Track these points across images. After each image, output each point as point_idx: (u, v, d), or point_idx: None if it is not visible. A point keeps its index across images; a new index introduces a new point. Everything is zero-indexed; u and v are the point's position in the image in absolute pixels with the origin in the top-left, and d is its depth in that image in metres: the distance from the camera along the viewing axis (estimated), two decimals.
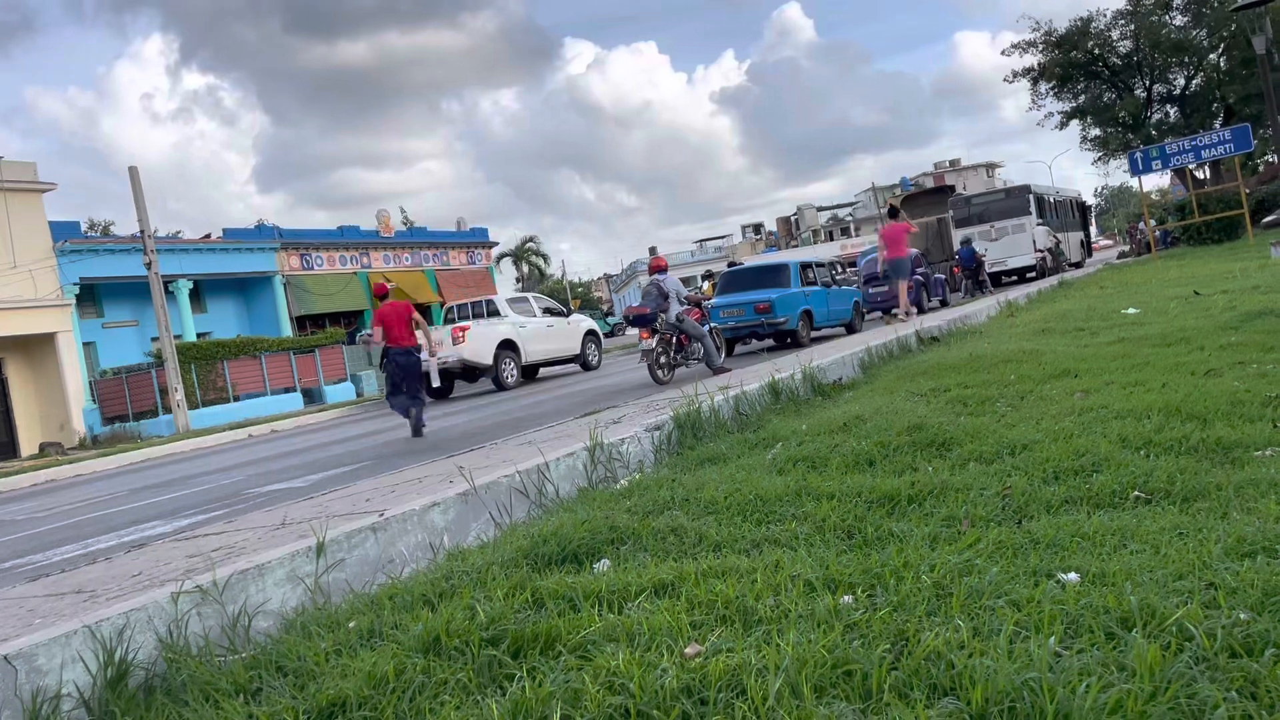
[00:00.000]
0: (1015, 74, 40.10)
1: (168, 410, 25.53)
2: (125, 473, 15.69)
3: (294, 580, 3.27)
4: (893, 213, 16.76)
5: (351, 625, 2.85)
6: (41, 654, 2.58)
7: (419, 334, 11.37)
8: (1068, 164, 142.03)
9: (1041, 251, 27.52)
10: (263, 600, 3.14)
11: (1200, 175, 34.76)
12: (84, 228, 34.67)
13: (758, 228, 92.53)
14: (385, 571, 3.58)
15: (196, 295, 33.66)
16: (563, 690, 2.10)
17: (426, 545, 3.84)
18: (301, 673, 2.54)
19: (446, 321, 20.31)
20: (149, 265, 24.09)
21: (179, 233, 44.80)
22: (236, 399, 28.05)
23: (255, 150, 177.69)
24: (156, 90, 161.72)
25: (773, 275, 16.93)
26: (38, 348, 28.14)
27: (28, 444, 27.78)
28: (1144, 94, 39.12)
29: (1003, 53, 40.50)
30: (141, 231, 24.40)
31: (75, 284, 28.70)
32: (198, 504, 8.36)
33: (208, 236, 35.68)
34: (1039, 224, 27.69)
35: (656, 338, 12.62)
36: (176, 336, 26.93)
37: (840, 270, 20.26)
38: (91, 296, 30.74)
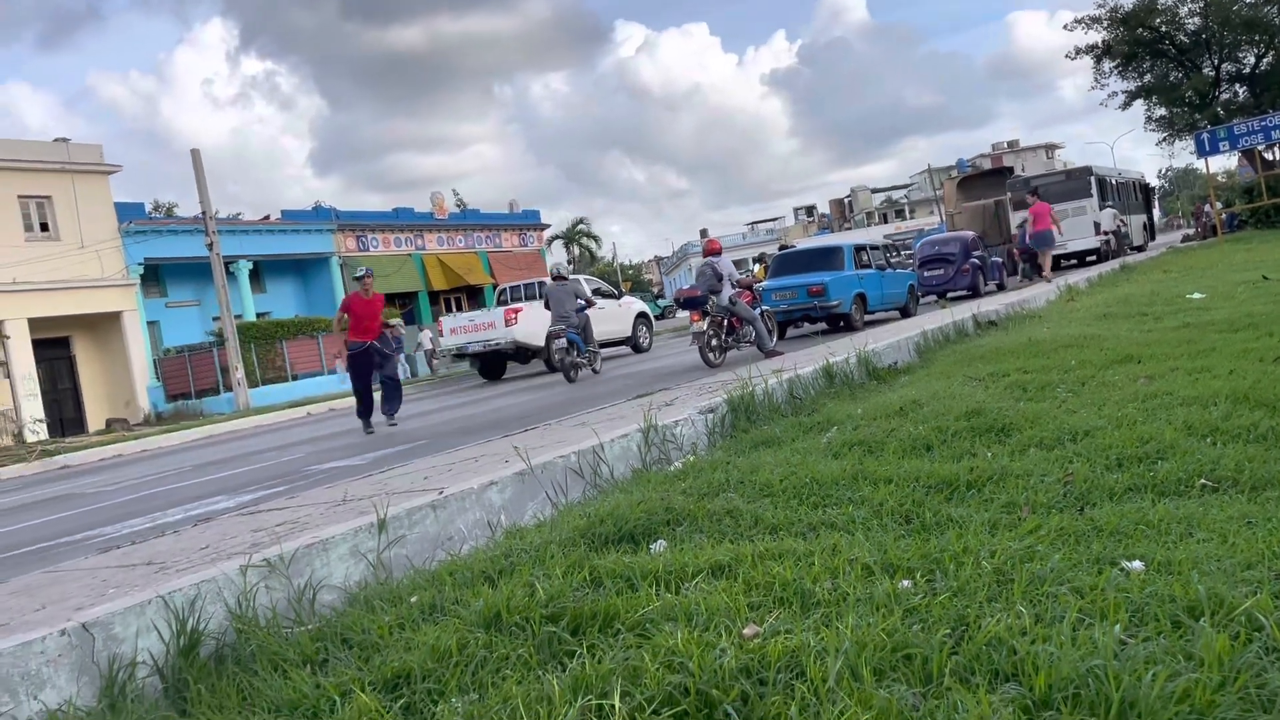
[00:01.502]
0: (1078, 50, 39.12)
1: (229, 388, 26.09)
2: (189, 449, 16.09)
3: (356, 555, 3.34)
4: (1035, 192, 21.34)
5: (413, 600, 2.90)
6: (117, 623, 2.67)
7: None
8: (1129, 145, 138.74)
9: (1106, 234, 27.03)
10: (327, 574, 3.22)
11: (1269, 157, 33.64)
12: (148, 209, 35.46)
13: (810, 210, 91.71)
14: (445, 548, 3.64)
15: (256, 276, 34.27)
16: (622, 667, 2.12)
17: (484, 523, 3.90)
18: (366, 645, 2.60)
19: (499, 303, 20.48)
20: (210, 246, 24.58)
21: (239, 214, 45.65)
22: (294, 378, 28.57)
23: (312, 134, 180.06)
24: (216, 75, 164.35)
25: (826, 258, 16.79)
26: (104, 326, 28.90)
27: (95, 419, 28.60)
28: (1212, 73, 37.93)
29: (1065, 27, 39.59)
30: (203, 213, 24.89)
31: (140, 264, 29.40)
32: (260, 480, 8.55)
33: (267, 218, 36.29)
34: (1106, 206, 27.19)
35: (708, 320, 12.60)
36: (237, 316, 27.48)
37: (895, 253, 20.03)
38: (155, 276, 31.47)
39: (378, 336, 11.59)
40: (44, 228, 27.63)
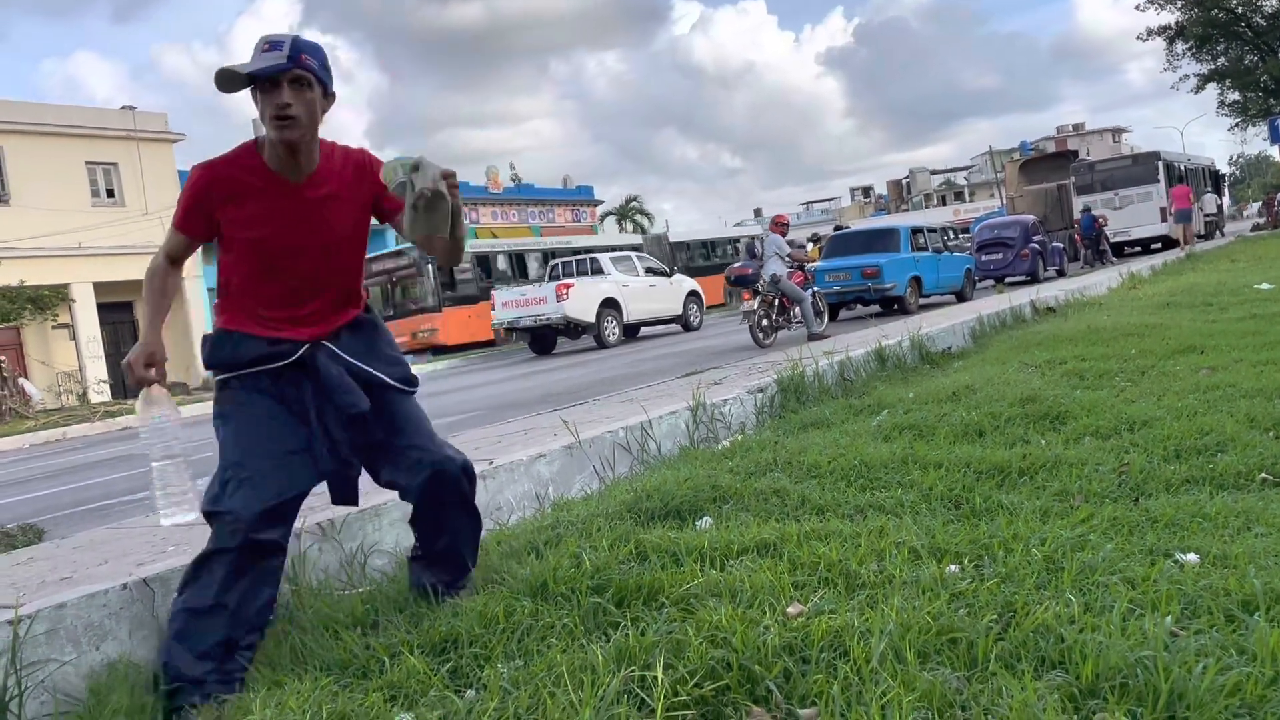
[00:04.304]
0: (1150, 31, 38.03)
1: None
2: None
3: (407, 521, 3.39)
4: (1180, 180, 26.29)
5: None
6: (176, 579, 2.74)
7: None
8: (1199, 130, 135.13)
9: (1209, 216, 27.89)
10: (378, 539, 3.27)
11: None
12: None
13: (867, 190, 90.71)
14: (493, 518, 3.68)
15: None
16: (666, 640, 2.14)
17: (532, 495, 3.94)
18: (415, 610, 2.65)
19: (551, 278, 20.56)
20: None
21: None
22: None
23: (370, 108, 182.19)
24: None
25: (881, 239, 16.61)
26: None
27: None
28: None
29: (1136, 7, 38.22)
30: None
31: None
32: None
33: None
34: (1206, 191, 28.26)
35: (758, 299, 12.54)
36: None
37: (953, 236, 19.74)
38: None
39: (352, 321, 2.79)
40: (110, 194, 28.28)
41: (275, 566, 2.48)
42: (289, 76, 2.47)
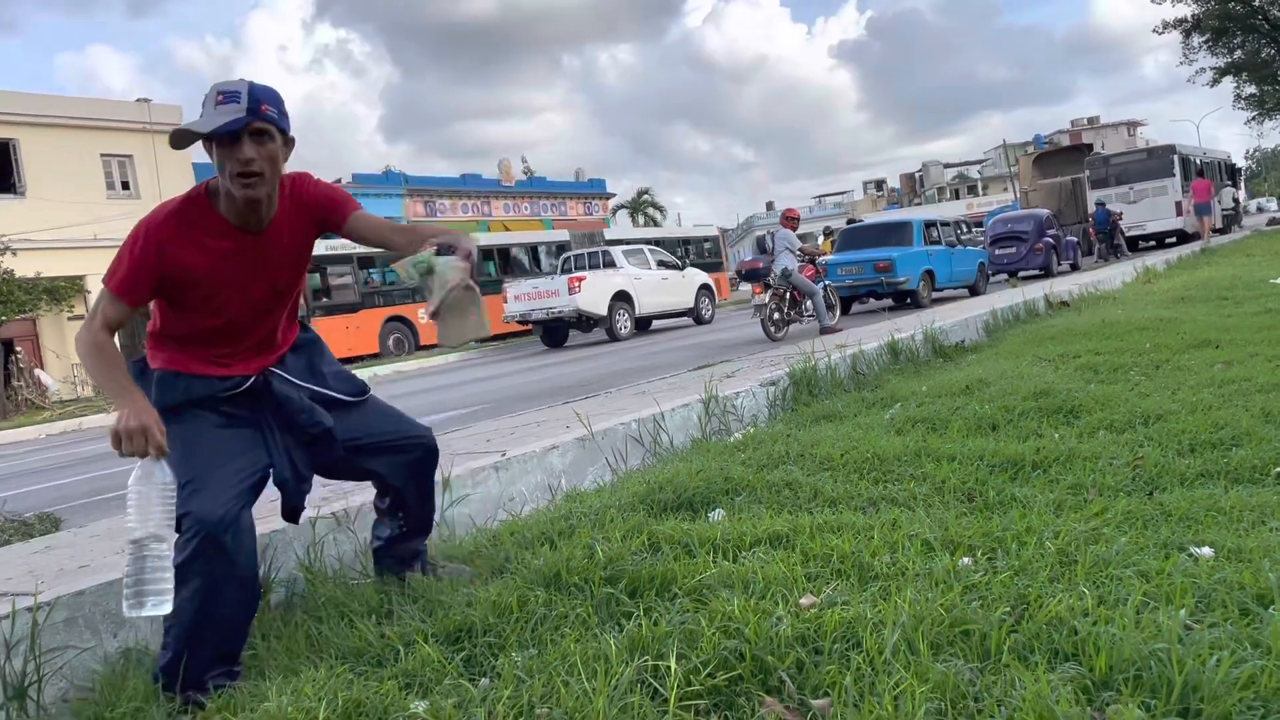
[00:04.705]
0: (1166, 24, 37.72)
1: None
2: None
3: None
4: (1199, 174, 27.03)
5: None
6: None
7: None
8: (1214, 124, 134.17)
9: (1228, 210, 28.73)
10: None
11: None
12: None
13: (880, 184, 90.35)
14: (506, 509, 3.70)
15: (326, 237, 34.86)
16: (679, 631, 2.15)
17: (545, 486, 3.95)
18: (429, 599, 2.67)
19: (563, 271, 20.57)
20: None
21: None
22: None
23: (383, 101, 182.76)
24: (290, 42, 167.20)
25: (894, 233, 16.57)
26: None
27: None
28: None
29: (1153, 0, 37.92)
30: None
31: None
32: None
33: (338, 181, 36.87)
34: (1226, 185, 28.75)
35: (769, 293, 12.53)
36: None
37: (966, 230, 19.67)
38: None
39: (294, 342, 2.81)
40: (124, 186, 28.45)
41: (249, 548, 2.40)
42: (250, 130, 2.36)
